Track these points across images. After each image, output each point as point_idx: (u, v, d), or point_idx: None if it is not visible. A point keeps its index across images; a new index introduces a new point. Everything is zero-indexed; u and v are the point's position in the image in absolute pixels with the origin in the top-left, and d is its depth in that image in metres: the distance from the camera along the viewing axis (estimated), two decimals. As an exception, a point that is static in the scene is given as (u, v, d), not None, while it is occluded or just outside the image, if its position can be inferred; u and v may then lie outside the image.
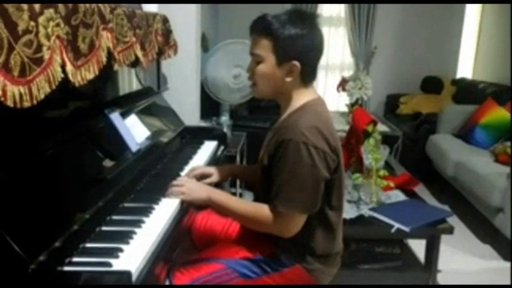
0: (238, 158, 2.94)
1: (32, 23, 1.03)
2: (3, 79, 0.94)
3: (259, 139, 3.29)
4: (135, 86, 2.04)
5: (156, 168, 1.74)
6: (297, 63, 1.33)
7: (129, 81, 2.00)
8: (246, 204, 1.43)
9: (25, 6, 1.00)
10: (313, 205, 1.33)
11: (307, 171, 1.28)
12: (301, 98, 1.39)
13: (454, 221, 2.60)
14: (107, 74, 1.60)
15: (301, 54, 1.32)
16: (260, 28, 1.35)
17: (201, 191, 1.45)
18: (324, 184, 1.33)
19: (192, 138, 2.24)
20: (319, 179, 1.30)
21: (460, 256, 2.77)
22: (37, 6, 1.05)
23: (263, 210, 1.34)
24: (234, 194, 3.17)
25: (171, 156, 1.93)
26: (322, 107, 1.41)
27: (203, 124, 2.99)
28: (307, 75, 1.38)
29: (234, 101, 3.30)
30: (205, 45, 3.69)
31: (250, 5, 5.08)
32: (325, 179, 1.32)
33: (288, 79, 1.35)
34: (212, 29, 4.70)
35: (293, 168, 1.28)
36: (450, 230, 2.20)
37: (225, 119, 3.34)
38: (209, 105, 3.28)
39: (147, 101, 2.00)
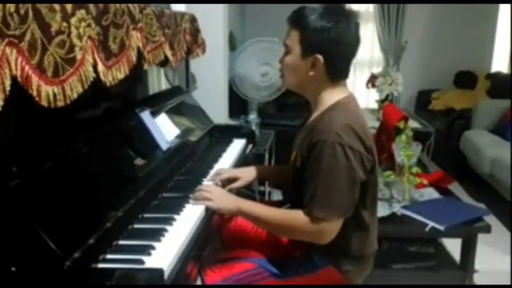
0: (267, 156, 2.93)
1: (65, 24, 1.05)
2: (37, 79, 0.96)
3: (287, 137, 3.27)
4: (164, 85, 2.06)
5: (186, 166, 1.75)
6: (319, 56, 1.30)
7: (158, 81, 2.03)
8: (279, 212, 1.36)
9: (57, 7, 1.02)
10: (350, 208, 1.29)
11: (343, 174, 1.24)
12: (331, 96, 1.35)
13: (490, 219, 2.51)
14: (137, 74, 1.62)
15: (326, 48, 1.29)
16: (292, 19, 1.34)
17: (228, 201, 1.39)
18: (360, 186, 1.29)
19: (220, 136, 2.24)
20: (355, 181, 1.27)
21: (498, 256, 2.68)
22: (69, 7, 1.07)
23: (298, 216, 1.29)
24: (263, 192, 3.17)
25: (201, 154, 1.94)
26: (354, 104, 1.37)
27: (231, 122, 2.99)
28: (334, 72, 1.34)
29: (262, 98, 3.30)
30: (233, 43, 3.69)
31: (277, 4, 5.08)
32: (361, 181, 1.28)
33: (312, 73, 1.33)
34: (239, 27, 4.71)
35: (329, 170, 1.24)
36: (487, 229, 2.13)
37: (253, 117, 3.34)
38: (237, 103, 3.29)
39: (177, 100, 2.01)
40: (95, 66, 1.18)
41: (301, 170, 1.34)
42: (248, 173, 1.64)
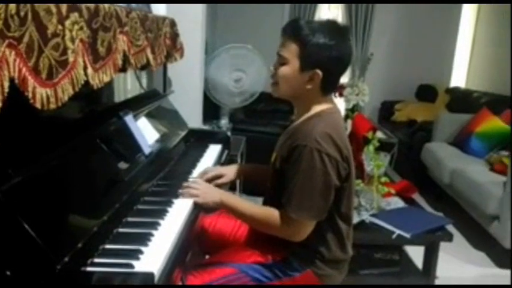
0: (239, 161, 2.96)
1: (60, 27, 1.05)
2: (33, 81, 0.96)
3: (258, 143, 3.32)
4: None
5: (165, 170, 1.76)
6: (319, 72, 1.35)
7: (134, 84, 2.02)
8: (257, 208, 1.46)
9: (54, 9, 1.02)
10: (322, 212, 1.37)
11: (319, 178, 1.31)
12: (317, 105, 1.42)
13: (449, 228, 2.66)
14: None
15: (325, 64, 1.34)
16: (290, 31, 1.37)
17: (214, 194, 1.50)
18: (334, 191, 1.36)
19: (196, 141, 2.26)
20: (330, 186, 1.34)
21: (456, 263, 2.82)
22: (64, 10, 1.07)
23: (274, 215, 1.38)
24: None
25: (178, 159, 1.95)
26: (337, 116, 1.44)
27: (204, 127, 3.01)
28: (328, 86, 1.40)
29: (234, 104, 3.33)
30: (205, 48, 3.71)
31: (249, 11, 5.16)
32: (335, 187, 1.35)
33: (309, 86, 1.38)
34: (210, 32, 4.73)
35: (306, 174, 1.31)
36: (449, 238, 2.26)
37: (224, 122, 3.37)
38: (209, 108, 3.31)
39: (155, 104, 2.02)
40: (84, 69, 1.19)
41: (280, 171, 1.41)
42: (232, 171, 1.72)
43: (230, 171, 1.72)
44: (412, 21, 5.37)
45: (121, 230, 1.25)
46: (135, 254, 1.11)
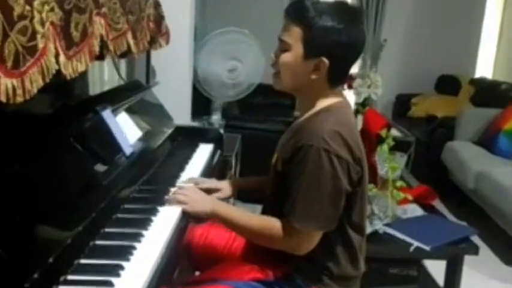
0: (233, 163, 2.96)
1: (28, 8, 1.04)
2: (-3, 70, 0.95)
3: (255, 142, 3.31)
4: (118, 80, 2.04)
5: (149, 173, 1.76)
6: (325, 60, 1.33)
7: (113, 74, 2.01)
8: (254, 218, 1.44)
9: (20, -13, 1.01)
10: (331, 221, 1.35)
11: (327, 183, 1.29)
12: (324, 99, 1.41)
13: (473, 239, 2.67)
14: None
15: (333, 51, 1.32)
16: (294, 13, 1.35)
17: (205, 203, 1.48)
18: (345, 198, 1.35)
19: (184, 139, 2.26)
20: (340, 192, 1.32)
21: (481, 279, 2.83)
22: (32, -12, 1.06)
23: (275, 226, 1.36)
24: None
25: (164, 160, 1.95)
26: (348, 111, 1.43)
27: (193, 123, 3.01)
28: (336, 76, 1.39)
29: (228, 98, 3.33)
30: (194, 33, 3.70)
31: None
32: (346, 192, 1.34)
33: (314, 76, 1.36)
34: (200, 16, 4.72)
35: (312, 177, 1.30)
36: (475, 250, 2.26)
37: (216, 118, 3.36)
38: (199, 102, 3.30)
39: (136, 97, 2.01)
40: (56, 57, 1.18)
41: (281, 175, 1.40)
42: (229, 187, 1.72)
43: (227, 187, 1.71)
44: (431, 3, 5.37)
45: (98, 242, 1.25)
46: (114, 270, 1.10)
